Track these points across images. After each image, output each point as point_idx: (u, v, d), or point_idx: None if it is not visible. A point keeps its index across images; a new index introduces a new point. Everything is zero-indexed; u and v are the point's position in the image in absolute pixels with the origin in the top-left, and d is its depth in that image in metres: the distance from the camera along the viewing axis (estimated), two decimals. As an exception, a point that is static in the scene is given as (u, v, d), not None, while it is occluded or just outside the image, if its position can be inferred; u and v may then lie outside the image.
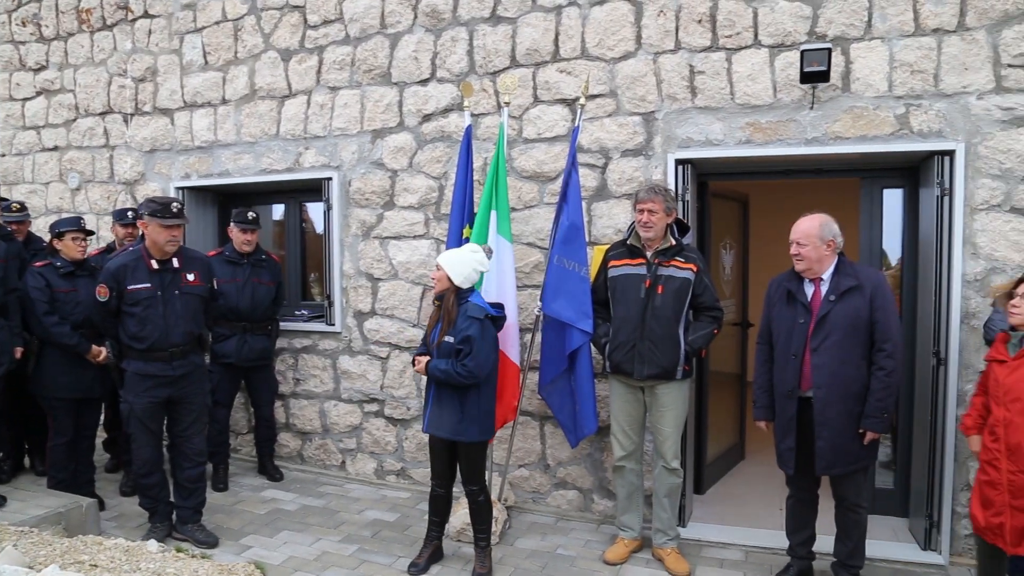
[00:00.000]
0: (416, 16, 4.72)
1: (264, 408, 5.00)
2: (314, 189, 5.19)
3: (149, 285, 3.67)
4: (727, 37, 4.00)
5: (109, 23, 5.81)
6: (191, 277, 3.81)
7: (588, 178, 4.27)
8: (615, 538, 3.89)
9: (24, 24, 6.21)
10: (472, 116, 4.34)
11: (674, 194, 3.77)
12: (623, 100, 4.23)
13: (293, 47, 5.11)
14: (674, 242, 3.62)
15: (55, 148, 6.15)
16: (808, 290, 3.29)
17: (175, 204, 3.71)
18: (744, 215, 5.50)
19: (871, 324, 3.14)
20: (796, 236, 3.26)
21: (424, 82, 4.73)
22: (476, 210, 4.08)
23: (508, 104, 4.16)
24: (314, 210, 5.62)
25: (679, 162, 4.09)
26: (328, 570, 3.64)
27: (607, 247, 3.88)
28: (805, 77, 3.70)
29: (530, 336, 4.18)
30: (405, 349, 4.87)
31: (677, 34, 4.10)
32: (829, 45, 3.71)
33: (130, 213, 4.71)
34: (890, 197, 4.19)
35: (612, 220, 4.28)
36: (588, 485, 4.42)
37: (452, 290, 3.41)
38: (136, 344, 3.67)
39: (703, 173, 4.38)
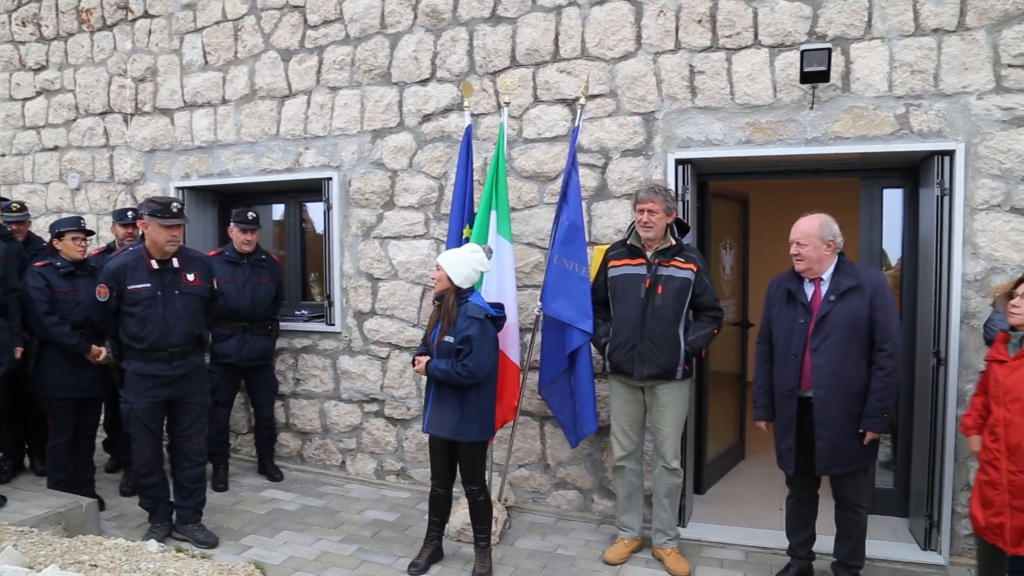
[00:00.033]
0: (416, 16, 4.72)
1: (264, 408, 5.00)
2: (314, 189, 5.19)
3: (149, 285, 3.68)
4: (727, 37, 4.00)
5: (109, 23, 5.81)
6: (191, 277, 3.81)
7: (588, 178, 4.27)
8: (615, 538, 3.89)
9: (24, 24, 6.21)
10: (472, 116, 4.35)
11: (674, 194, 3.77)
12: (623, 100, 4.23)
13: (293, 47, 5.11)
14: (674, 242, 3.62)
15: (55, 148, 6.15)
16: (808, 290, 3.29)
17: (175, 204, 3.71)
18: (744, 215, 5.50)
19: (871, 324, 3.14)
20: (796, 236, 3.26)
21: (424, 82, 4.73)
22: (476, 210, 4.08)
23: (508, 104, 4.16)
24: (314, 210, 5.62)
25: (679, 162, 4.10)
26: (328, 570, 3.64)
27: (607, 247, 3.88)
28: (805, 77, 3.70)
29: (530, 336, 4.18)
30: (405, 349, 4.87)
31: (677, 34, 4.10)
32: (829, 45, 3.71)
33: (130, 213, 4.72)
34: (890, 197, 4.19)
35: (612, 220, 4.28)
36: (588, 485, 4.42)
37: (452, 290, 3.41)
38: (136, 344, 3.67)
39: (703, 173, 4.38)
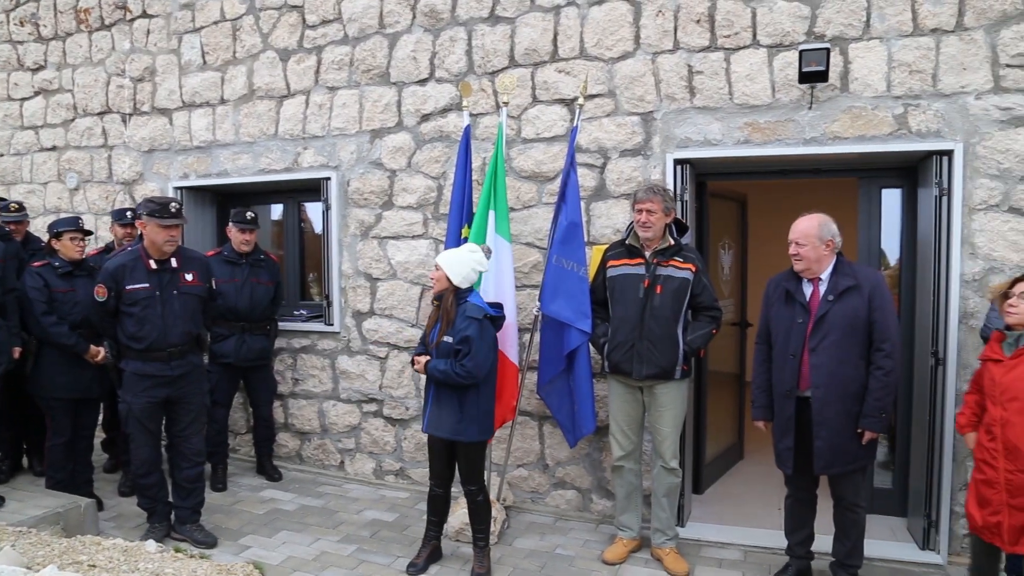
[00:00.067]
0: (415, 16, 4.72)
1: (263, 408, 5.00)
2: (313, 189, 5.19)
3: (147, 285, 3.67)
4: (725, 37, 4.00)
5: (107, 23, 5.80)
6: (189, 277, 3.81)
7: (587, 178, 4.27)
8: (614, 538, 3.89)
9: (22, 24, 6.20)
10: (471, 116, 4.35)
11: (673, 194, 3.77)
12: (622, 100, 4.23)
13: (291, 47, 5.11)
14: (673, 242, 3.62)
15: (53, 148, 6.14)
16: (807, 290, 3.29)
17: (173, 204, 3.71)
18: (742, 215, 5.50)
19: (869, 324, 3.14)
20: (795, 236, 3.26)
21: (423, 82, 4.73)
22: (475, 210, 4.08)
23: (507, 104, 4.17)
24: (313, 210, 5.62)
25: (678, 162, 4.10)
26: (327, 570, 3.63)
27: (606, 247, 3.88)
28: (803, 77, 3.71)
29: (529, 336, 4.18)
30: (404, 349, 4.87)
31: (675, 34, 4.10)
32: (827, 45, 3.71)
33: (128, 213, 4.71)
34: (888, 197, 4.20)
35: (611, 220, 4.28)
36: (587, 485, 4.42)
37: (451, 290, 3.41)
38: (134, 344, 3.67)
39: (701, 173, 4.38)
